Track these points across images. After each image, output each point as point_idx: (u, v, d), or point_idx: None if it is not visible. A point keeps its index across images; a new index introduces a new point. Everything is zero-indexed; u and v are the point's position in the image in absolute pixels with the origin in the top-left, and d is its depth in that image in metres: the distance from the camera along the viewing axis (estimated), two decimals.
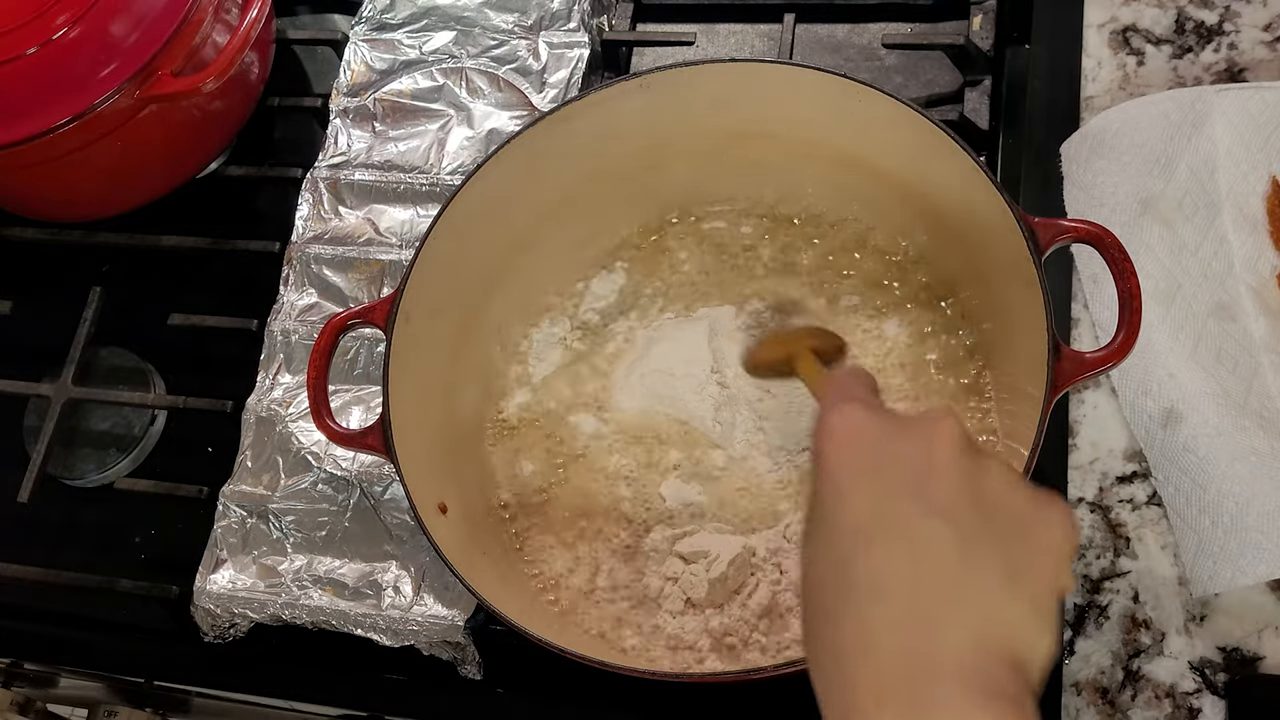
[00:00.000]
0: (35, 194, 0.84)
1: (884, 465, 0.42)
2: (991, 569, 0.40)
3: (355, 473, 0.72)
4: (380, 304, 0.63)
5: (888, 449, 0.43)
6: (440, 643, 0.67)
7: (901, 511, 0.41)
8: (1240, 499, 0.60)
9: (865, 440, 0.43)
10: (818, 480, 0.44)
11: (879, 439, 0.43)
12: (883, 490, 0.42)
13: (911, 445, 0.43)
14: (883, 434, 0.44)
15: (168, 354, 0.83)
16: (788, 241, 0.73)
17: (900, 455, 0.42)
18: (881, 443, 0.43)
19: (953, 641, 0.39)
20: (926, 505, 0.41)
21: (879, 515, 0.41)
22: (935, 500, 0.41)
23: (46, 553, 0.79)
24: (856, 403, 0.45)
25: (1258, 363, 0.63)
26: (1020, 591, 0.40)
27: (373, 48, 0.84)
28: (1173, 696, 0.60)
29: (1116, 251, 0.56)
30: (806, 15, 0.83)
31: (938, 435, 0.43)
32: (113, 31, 0.75)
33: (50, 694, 0.81)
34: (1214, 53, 0.74)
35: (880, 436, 0.43)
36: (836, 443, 0.44)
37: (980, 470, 0.42)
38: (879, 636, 0.39)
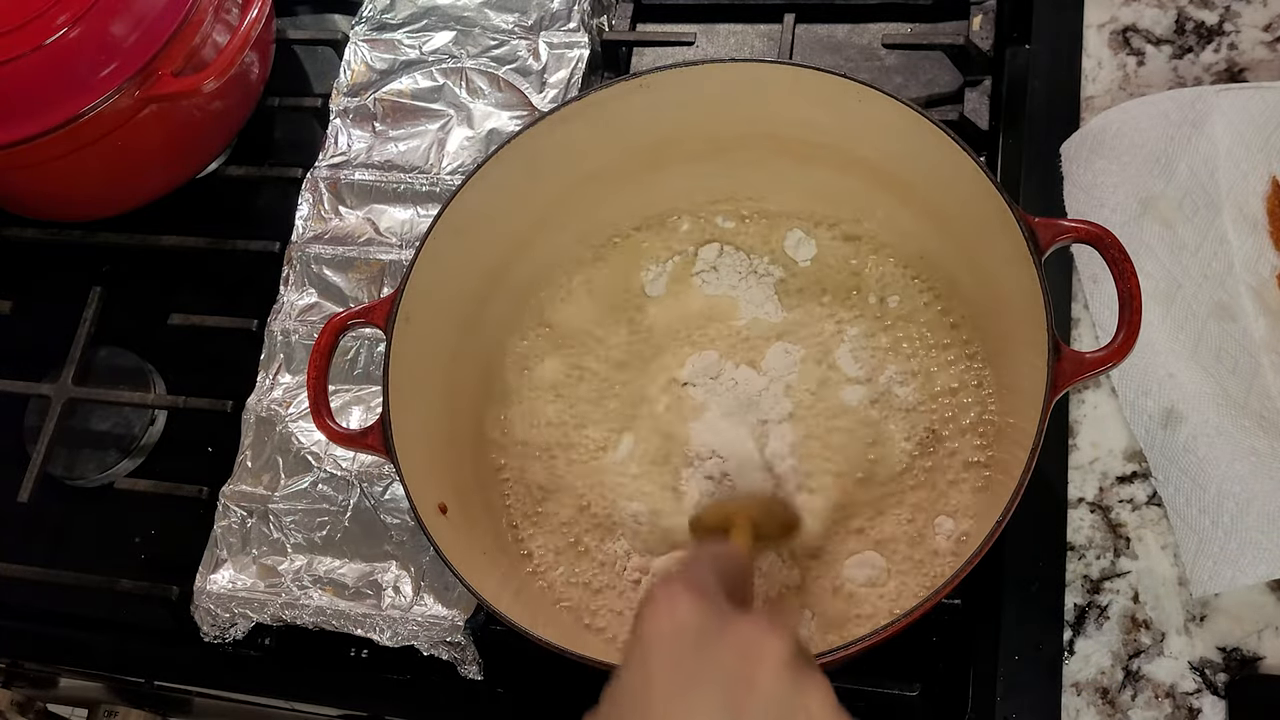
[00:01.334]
0: (35, 194, 0.84)
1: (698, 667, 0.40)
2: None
3: (355, 473, 0.72)
4: (380, 304, 0.63)
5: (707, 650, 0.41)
6: (440, 643, 0.67)
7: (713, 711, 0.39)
8: (1240, 499, 0.60)
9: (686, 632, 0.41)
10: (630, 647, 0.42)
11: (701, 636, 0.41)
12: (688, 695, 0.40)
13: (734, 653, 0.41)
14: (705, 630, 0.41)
15: (168, 354, 0.83)
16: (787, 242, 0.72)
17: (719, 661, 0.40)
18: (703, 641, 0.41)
19: None
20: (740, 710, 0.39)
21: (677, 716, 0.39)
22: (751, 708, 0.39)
23: (46, 553, 0.79)
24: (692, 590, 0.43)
25: (1258, 363, 0.63)
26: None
27: (373, 48, 0.84)
28: (1173, 696, 0.60)
29: (1116, 251, 0.56)
30: (806, 15, 0.83)
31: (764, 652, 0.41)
32: (113, 31, 0.75)
33: (50, 694, 0.81)
34: (1214, 53, 0.74)
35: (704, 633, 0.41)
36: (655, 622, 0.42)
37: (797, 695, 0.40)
38: None
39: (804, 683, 0.41)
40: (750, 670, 0.40)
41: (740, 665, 0.40)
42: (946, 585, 0.54)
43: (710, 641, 0.41)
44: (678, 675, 0.40)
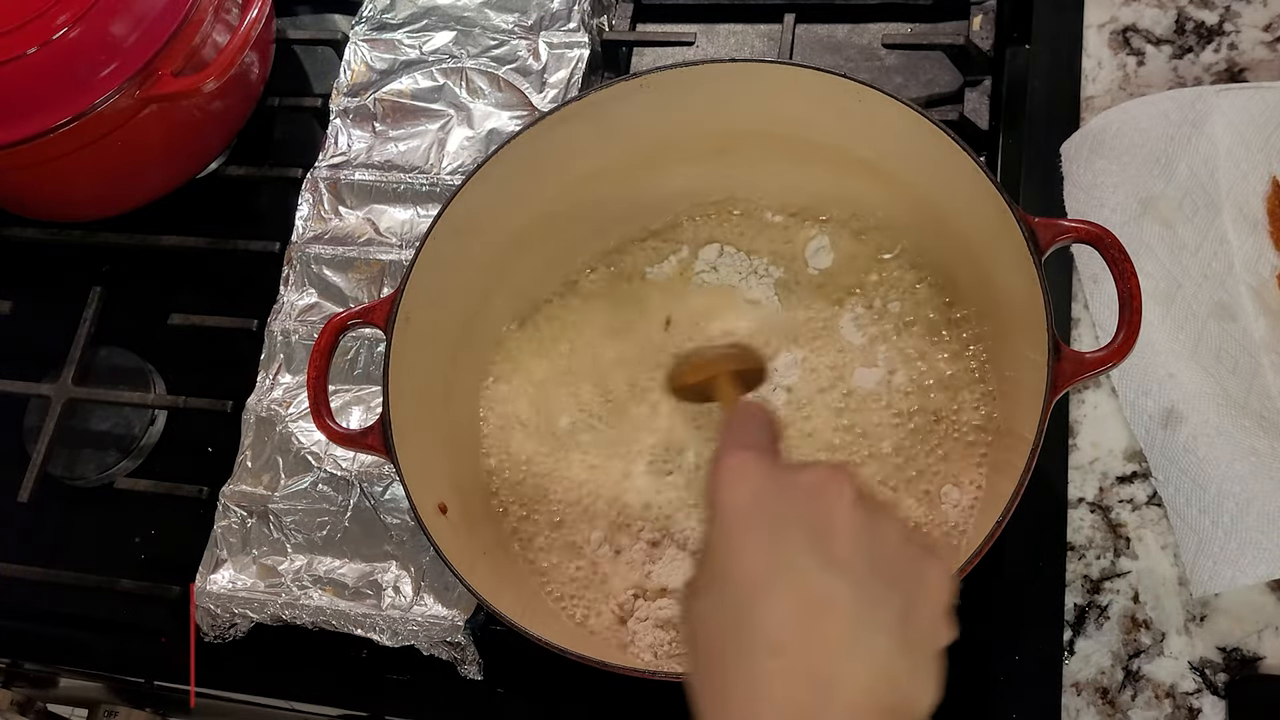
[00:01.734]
0: (35, 194, 0.84)
1: (780, 518, 0.42)
2: (882, 625, 0.41)
3: (355, 473, 0.72)
4: (380, 304, 0.63)
5: (784, 501, 0.43)
6: (440, 643, 0.67)
7: (798, 565, 0.41)
8: (1240, 499, 0.60)
9: (761, 491, 0.43)
10: (711, 527, 0.44)
11: (775, 490, 0.43)
12: (779, 543, 0.42)
13: (808, 498, 0.43)
14: (779, 485, 0.44)
15: (168, 354, 0.83)
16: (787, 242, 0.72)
17: (797, 508, 0.43)
18: (778, 494, 0.43)
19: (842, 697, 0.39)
20: (823, 560, 0.41)
21: (775, 568, 0.41)
22: (832, 556, 0.41)
23: (46, 553, 0.79)
24: (752, 450, 0.45)
25: (1258, 363, 0.63)
26: (908, 647, 0.41)
27: (373, 48, 0.84)
28: (1173, 696, 0.60)
29: (1116, 251, 0.56)
30: (806, 15, 0.83)
31: (834, 490, 0.43)
32: (113, 31, 0.75)
33: (50, 694, 0.81)
34: (1214, 53, 0.74)
35: (776, 488, 0.43)
36: (731, 491, 0.44)
37: (874, 524, 0.43)
38: (769, 688, 0.40)
39: (876, 513, 0.43)
40: (828, 511, 0.42)
41: (818, 510, 0.42)
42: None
43: (785, 488, 0.43)
44: (764, 533, 0.42)
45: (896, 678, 0.40)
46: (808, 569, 0.41)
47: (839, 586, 0.41)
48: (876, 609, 0.41)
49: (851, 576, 0.41)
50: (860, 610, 0.40)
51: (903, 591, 0.42)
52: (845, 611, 0.40)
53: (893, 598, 0.41)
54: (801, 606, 0.40)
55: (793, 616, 0.40)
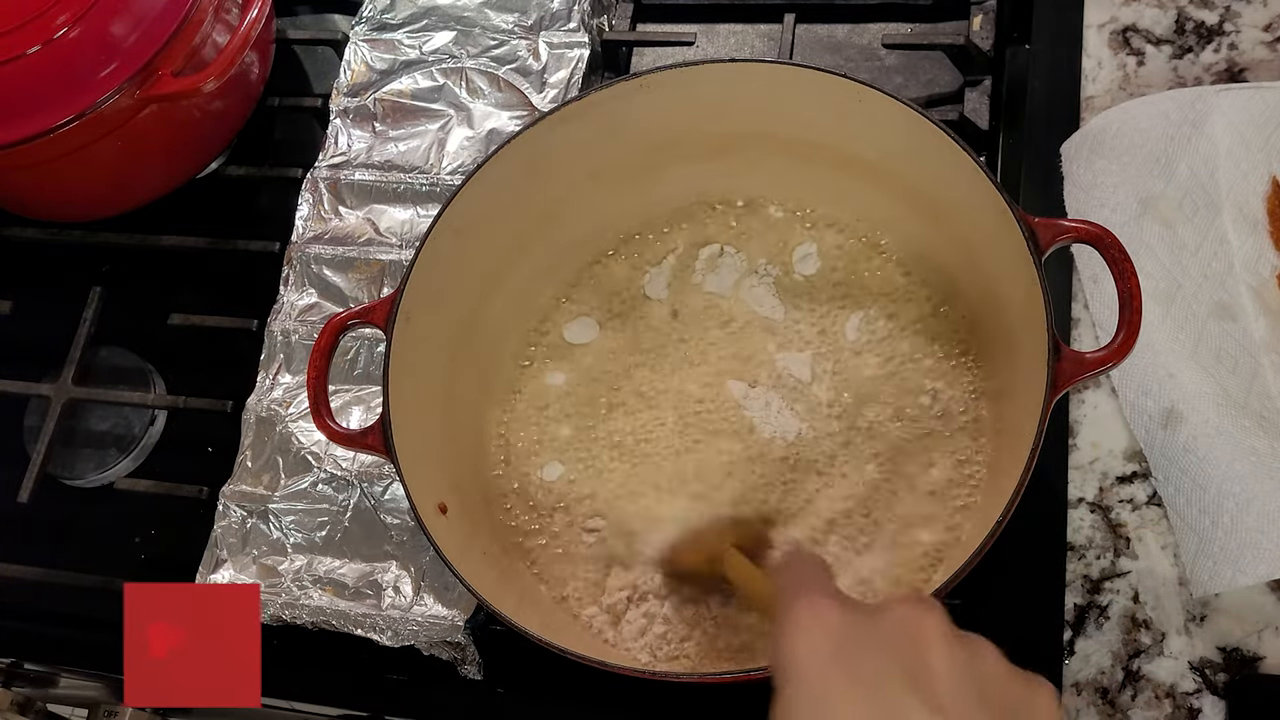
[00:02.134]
0: (35, 194, 0.84)
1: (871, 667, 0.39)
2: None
3: (355, 473, 0.72)
4: (380, 304, 0.63)
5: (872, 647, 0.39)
6: (440, 643, 0.67)
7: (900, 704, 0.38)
8: (1240, 499, 0.60)
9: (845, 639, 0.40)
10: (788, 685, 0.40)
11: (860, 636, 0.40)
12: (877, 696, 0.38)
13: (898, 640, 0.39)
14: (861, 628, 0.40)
15: (168, 354, 0.83)
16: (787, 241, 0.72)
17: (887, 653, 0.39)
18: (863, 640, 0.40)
19: None
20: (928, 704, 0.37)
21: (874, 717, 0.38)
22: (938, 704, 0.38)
23: (46, 553, 0.79)
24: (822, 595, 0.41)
25: (1258, 363, 0.63)
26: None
27: (373, 48, 0.84)
28: (1173, 696, 0.60)
29: (1116, 251, 0.56)
30: (806, 15, 0.83)
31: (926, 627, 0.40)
32: (113, 31, 0.75)
33: (50, 694, 0.81)
34: (1214, 53, 0.74)
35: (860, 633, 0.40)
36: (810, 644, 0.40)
37: (973, 659, 0.40)
38: None
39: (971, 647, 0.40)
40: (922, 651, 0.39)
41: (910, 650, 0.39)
42: (946, 585, 0.54)
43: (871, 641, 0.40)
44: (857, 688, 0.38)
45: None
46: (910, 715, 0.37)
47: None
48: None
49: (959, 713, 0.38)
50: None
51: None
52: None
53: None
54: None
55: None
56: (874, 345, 0.69)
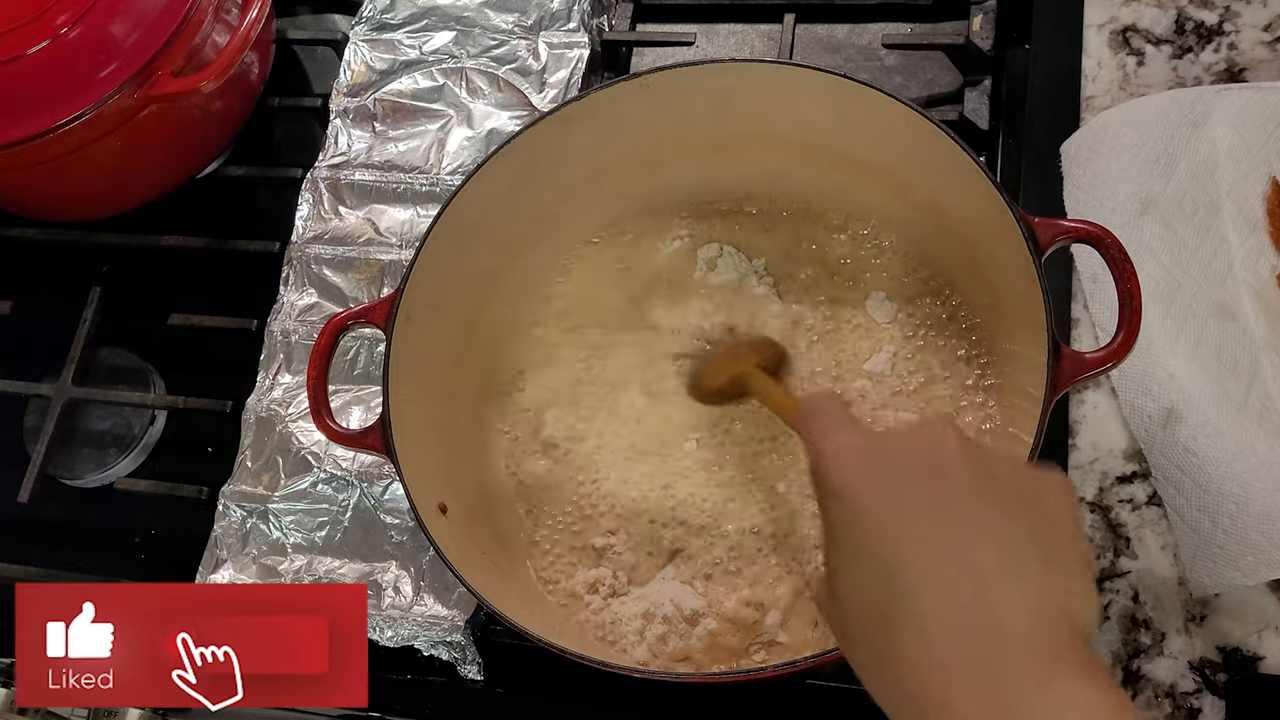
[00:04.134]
0: (35, 194, 0.84)
1: (898, 474, 0.43)
2: (1027, 543, 0.41)
3: (355, 473, 0.72)
4: (380, 304, 0.63)
5: (893, 459, 0.44)
6: (440, 643, 0.67)
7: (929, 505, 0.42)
8: (1240, 499, 0.60)
9: (870, 457, 0.44)
10: (833, 511, 0.44)
11: (882, 453, 0.44)
12: (904, 495, 0.43)
13: (916, 450, 0.44)
14: (884, 447, 0.45)
15: (168, 354, 0.83)
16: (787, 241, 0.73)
17: (908, 461, 0.43)
18: (886, 455, 0.44)
19: (1013, 616, 0.40)
20: (949, 493, 0.42)
21: (907, 515, 0.42)
22: (958, 488, 0.42)
23: (46, 553, 0.79)
24: (847, 426, 0.46)
25: (1258, 363, 0.63)
26: (1057, 560, 0.42)
27: (373, 48, 0.84)
28: (1173, 696, 0.60)
29: (1116, 251, 0.56)
30: (806, 15, 0.83)
31: (938, 436, 0.44)
32: (113, 31, 0.75)
33: None
34: (1214, 53, 0.74)
35: (882, 450, 0.44)
36: (843, 469, 0.44)
37: (986, 457, 0.44)
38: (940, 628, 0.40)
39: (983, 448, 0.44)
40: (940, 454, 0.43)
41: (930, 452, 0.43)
42: None
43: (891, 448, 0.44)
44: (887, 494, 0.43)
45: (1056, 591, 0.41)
46: (939, 506, 0.42)
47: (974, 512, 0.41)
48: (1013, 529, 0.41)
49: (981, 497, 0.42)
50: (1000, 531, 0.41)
51: (1032, 509, 0.42)
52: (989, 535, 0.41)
53: (1024, 515, 0.42)
54: (945, 542, 0.41)
55: (940, 555, 0.41)
56: (871, 345, 0.69)
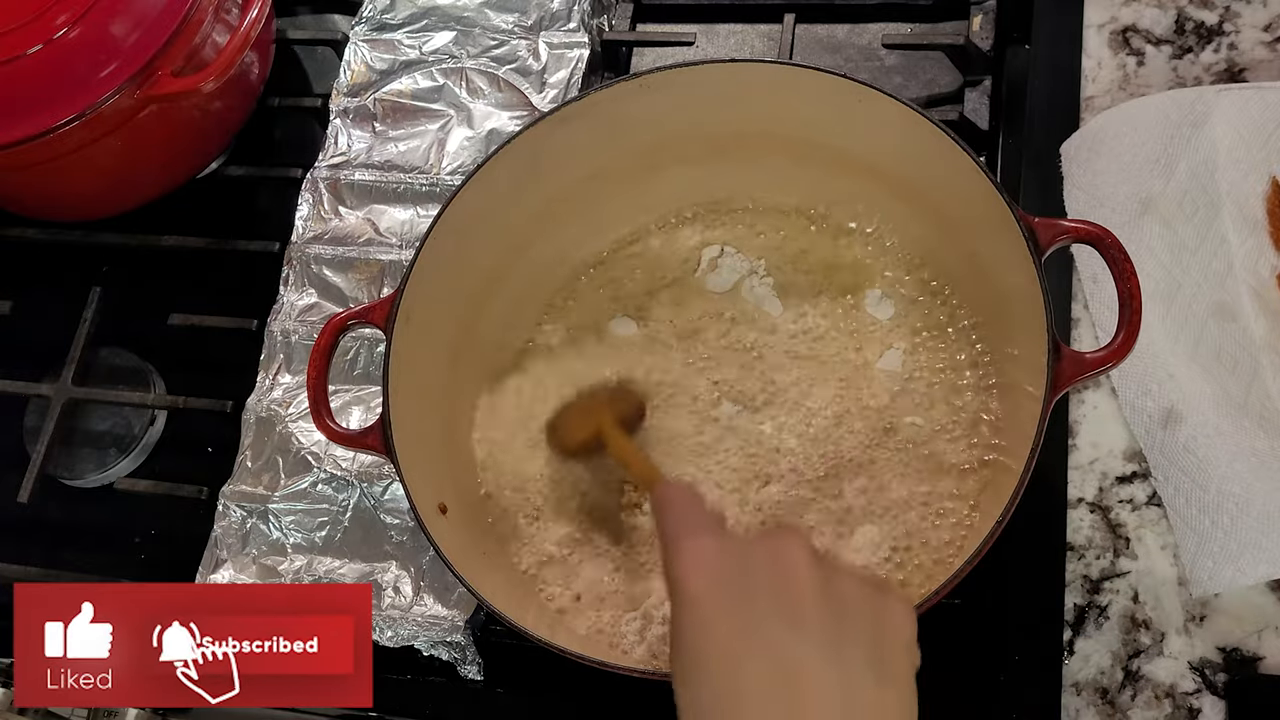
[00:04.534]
0: (35, 194, 0.84)
1: (745, 591, 0.45)
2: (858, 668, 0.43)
3: (355, 473, 0.72)
4: (380, 304, 0.63)
5: (745, 574, 0.45)
6: (440, 643, 0.67)
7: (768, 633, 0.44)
8: (1240, 499, 0.60)
9: (723, 568, 0.46)
10: (679, 612, 0.46)
11: (735, 565, 0.46)
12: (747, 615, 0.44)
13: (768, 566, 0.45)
14: (738, 559, 0.46)
15: (168, 354, 0.83)
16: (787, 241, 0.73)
17: (758, 578, 0.45)
18: (738, 568, 0.46)
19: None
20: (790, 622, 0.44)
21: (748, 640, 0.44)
22: (800, 617, 0.44)
23: (46, 553, 0.79)
24: (704, 528, 0.48)
25: (1258, 363, 0.63)
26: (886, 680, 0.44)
27: (373, 48, 0.84)
28: (1173, 696, 0.60)
29: (1116, 251, 0.56)
30: (806, 15, 0.83)
31: (790, 553, 0.45)
32: (113, 31, 0.75)
33: None
34: (1214, 53, 0.74)
35: (736, 563, 0.46)
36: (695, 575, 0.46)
37: (833, 576, 0.45)
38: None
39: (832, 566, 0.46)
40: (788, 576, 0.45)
41: (777, 572, 0.45)
42: (946, 585, 0.54)
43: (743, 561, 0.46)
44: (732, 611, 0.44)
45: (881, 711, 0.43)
46: (778, 634, 0.43)
47: (810, 647, 0.43)
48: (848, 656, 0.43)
49: (820, 633, 0.44)
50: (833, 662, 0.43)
51: (869, 631, 0.44)
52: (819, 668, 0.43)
53: (861, 640, 0.44)
54: (776, 670, 0.43)
55: (770, 680, 0.43)
56: (871, 345, 0.69)
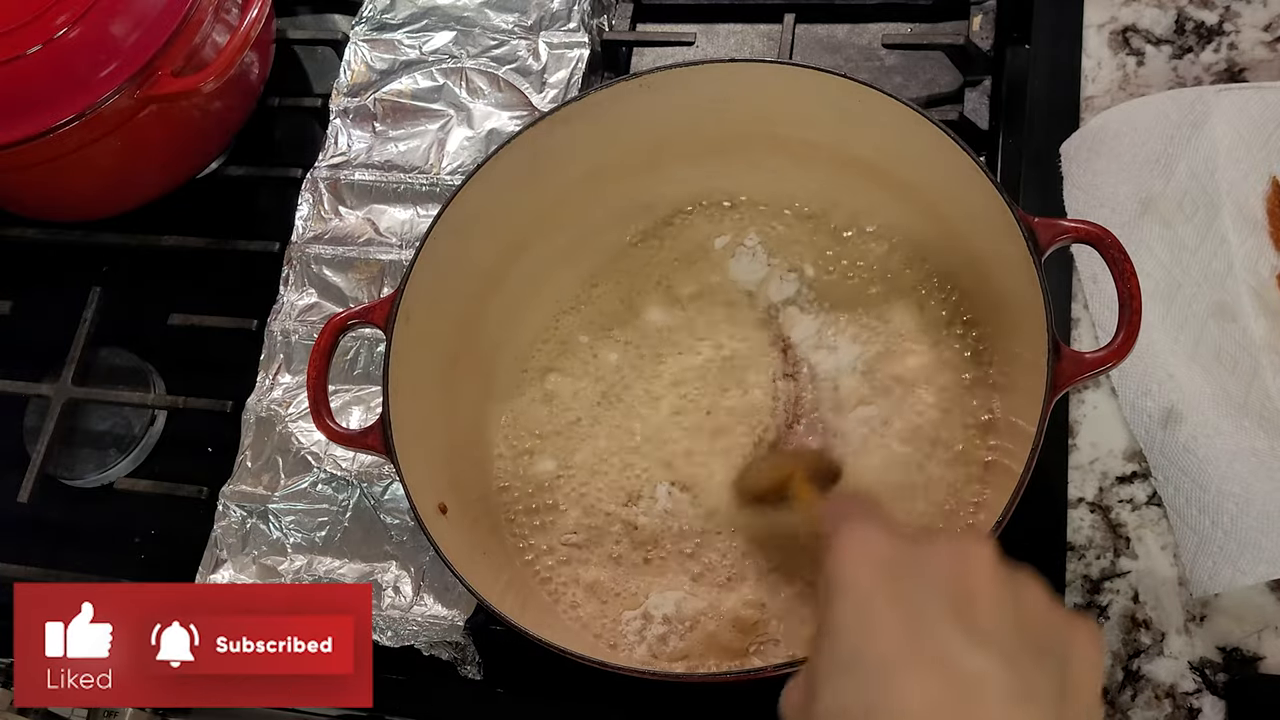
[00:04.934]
0: (35, 194, 0.84)
1: (916, 591, 0.39)
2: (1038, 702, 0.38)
3: (355, 473, 0.72)
4: (380, 304, 0.63)
5: (918, 573, 0.40)
6: (440, 643, 0.67)
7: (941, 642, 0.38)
8: (1240, 499, 0.60)
9: (891, 563, 0.40)
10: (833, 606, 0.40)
11: (905, 560, 0.41)
12: (918, 619, 0.38)
13: (944, 567, 0.40)
14: (908, 554, 0.41)
15: (168, 354, 0.83)
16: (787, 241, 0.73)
17: (933, 579, 0.40)
18: (910, 566, 0.40)
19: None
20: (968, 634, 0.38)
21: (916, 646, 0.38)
22: (977, 629, 0.38)
23: (46, 553, 0.79)
24: (872, 521, 0.42)
25: (1258, 363, 0.63)
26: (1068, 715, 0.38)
27: (373, 48, 0.84)
28: (1173, 696, 0.60)
29: (1116, 251, 0.56)
30: (806, 15, 0.83)
31: (973, 557, 0.40)
32: (113, 31, 0.75)
33: None
34: (1214, 53, 0.74)
35: (906, 557, 0.41)
36: (857, 566, 0.40)
37: (1018, 593, 0.40)
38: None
39: (1020, 581, 0.41)
40: (968, 581, 0.39)
41: (956, 579, 0.39)
42: None
43: (916, 557, 0.41)
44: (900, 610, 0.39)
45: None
46: (952, 645, 0.38)
47: (988, 662, 0.37)
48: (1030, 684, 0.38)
49: (1000, 650, 0.38)
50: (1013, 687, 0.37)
51: (1055, 663, 0.39)
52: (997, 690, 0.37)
53: (1046, 670, 0.38)
54: (949, 687, 0.37)
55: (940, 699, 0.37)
56: (871, 345, 0.69)
